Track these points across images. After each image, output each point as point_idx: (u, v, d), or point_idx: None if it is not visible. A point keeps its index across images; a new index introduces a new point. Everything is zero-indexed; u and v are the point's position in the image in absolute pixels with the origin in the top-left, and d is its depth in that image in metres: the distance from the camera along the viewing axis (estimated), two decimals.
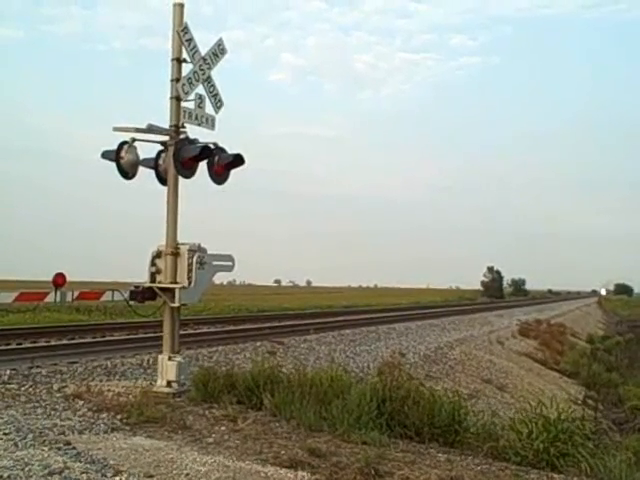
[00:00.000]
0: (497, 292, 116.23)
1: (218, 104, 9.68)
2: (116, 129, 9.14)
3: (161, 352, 9.21)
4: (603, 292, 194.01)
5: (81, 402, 8.08)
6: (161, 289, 9.10)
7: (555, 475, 6.05)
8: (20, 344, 14.43)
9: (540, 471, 6.22)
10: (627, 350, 39.33)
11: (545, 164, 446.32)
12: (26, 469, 5.14)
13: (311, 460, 5.81)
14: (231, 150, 9.50)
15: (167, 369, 8.94)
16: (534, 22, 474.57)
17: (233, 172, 9.63)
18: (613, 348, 40.65)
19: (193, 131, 9.42)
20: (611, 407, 22.69)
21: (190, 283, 9.00)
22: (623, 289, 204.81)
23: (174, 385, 8.90)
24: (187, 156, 9.13)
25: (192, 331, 18.94)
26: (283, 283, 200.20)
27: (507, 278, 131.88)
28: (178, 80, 9.21)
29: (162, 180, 9.40)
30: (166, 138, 9.28)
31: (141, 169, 9.44)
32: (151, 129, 9.19)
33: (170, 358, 9.00)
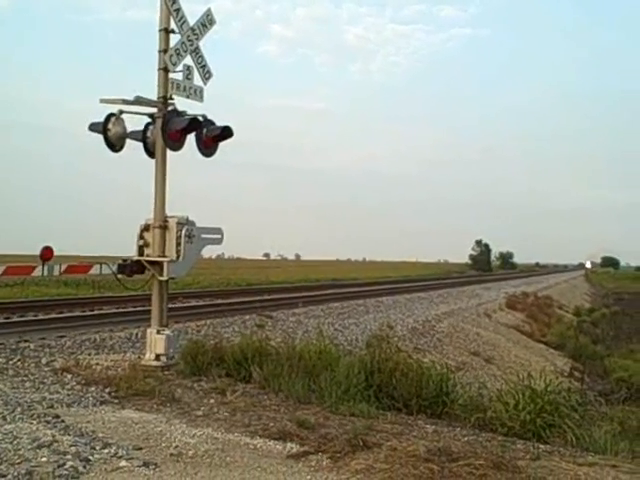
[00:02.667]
0: (485, 265, 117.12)
1: (206, 75, 9.55)
2: (103, 101, 9.02)
3: (150, 326, 9.20)
4: (588, 265, 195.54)
5: (70, 376, 8.08)
6: (149, 262, 9.06)
7: (541, 445, 6.10)
8: (8, 318, 14.36)
9: (526, 442, 6.27)
10: (613, 322, 39.84)
11: (534, 138, 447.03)
12: (15, 442, 5.13)
13: (300, 432, 5.83)
14: (219, 122, 9.43)
15: (156, 342, 8.93)
16: None
17: (221, 144, 9.56)
18: (599, 320, 41.16)
19: (181, 103, 9.32)
20: (597, 379, 23.00)
21: (178, 256, 8.96)
22: (609, 262, 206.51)
23: (163, 358, 8.90)
24: (175, 128, 9.03)
25: (181, 305, 18.95)
26: (272, 257, 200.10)
27: (495, 251, 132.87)
28: (166, 51, 9.07)
29: (150, 153, 9.31)
30: (154, 110, 9.17)
31: (129, 141, 9.34)
32: (139, 101, 9.08)
33: (159, 332, 8.99)
